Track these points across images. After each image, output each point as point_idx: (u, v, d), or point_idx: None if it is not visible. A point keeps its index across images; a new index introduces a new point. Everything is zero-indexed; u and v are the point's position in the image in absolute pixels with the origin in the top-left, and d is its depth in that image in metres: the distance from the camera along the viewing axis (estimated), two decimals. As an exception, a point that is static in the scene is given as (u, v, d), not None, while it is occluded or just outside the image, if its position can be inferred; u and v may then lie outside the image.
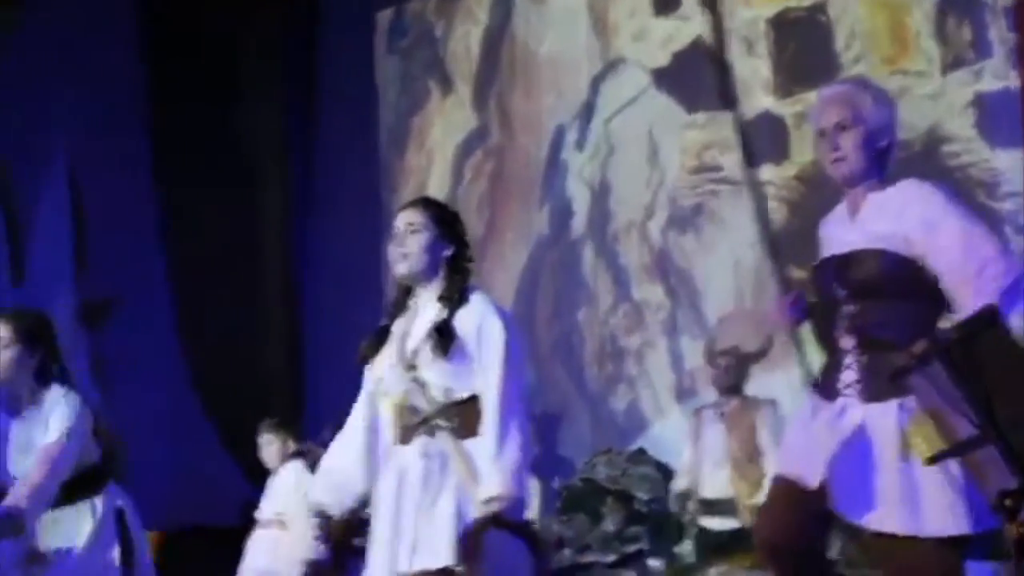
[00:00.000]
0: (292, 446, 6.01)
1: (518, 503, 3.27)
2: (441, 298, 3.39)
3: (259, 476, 6.49)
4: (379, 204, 8.63)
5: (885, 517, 2.79)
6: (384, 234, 8.45)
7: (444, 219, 3.47)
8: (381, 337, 3.47)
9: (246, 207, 8.86)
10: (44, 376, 3.87)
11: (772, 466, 4.63)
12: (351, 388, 7.08)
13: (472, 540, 3.16)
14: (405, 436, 3.36)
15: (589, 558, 6.38)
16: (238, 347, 8.52)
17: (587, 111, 7.69)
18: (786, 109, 6.77)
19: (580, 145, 7.72)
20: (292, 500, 5.85)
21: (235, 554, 6.29)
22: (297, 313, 9.04)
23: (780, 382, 5.94)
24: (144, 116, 8.76)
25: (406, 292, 3.48)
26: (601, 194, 7.60)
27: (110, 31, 8.67)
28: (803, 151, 6.45)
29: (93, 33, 8.40)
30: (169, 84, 8.63)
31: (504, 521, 3.21)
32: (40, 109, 8.07)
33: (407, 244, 3.40)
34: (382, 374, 3.44)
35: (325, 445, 4.39)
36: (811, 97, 5.18)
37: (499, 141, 8.21)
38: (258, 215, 8.99)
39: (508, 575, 3.25)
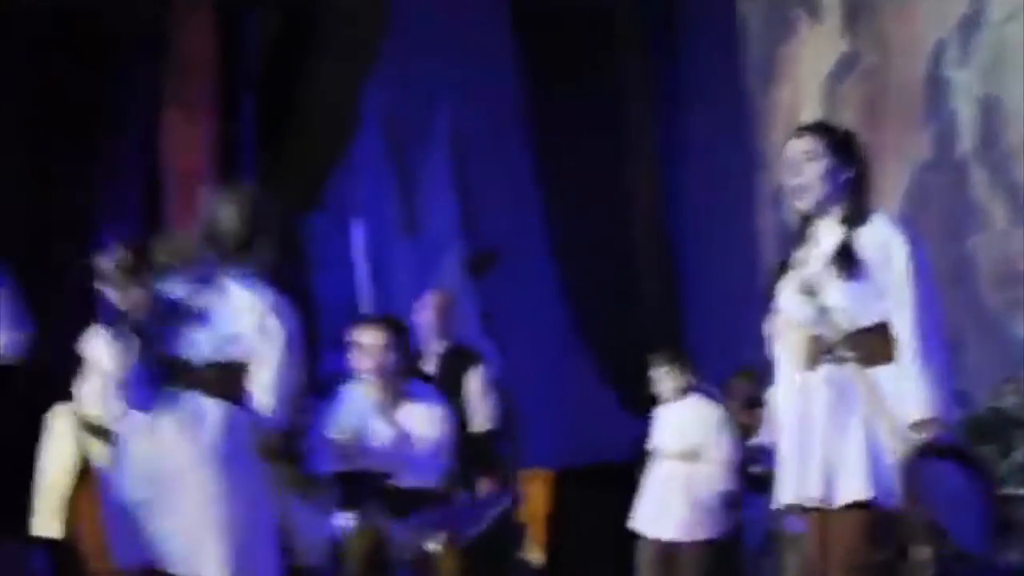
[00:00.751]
0: (686, 380, 6.07)
1: (950, 428, 3.16)
2: (843, 220, 3.31)
3: (645, 411, 6.62)
4: (746, 139, 8.60)
5: None
6: (753, 168, 8.52)
7: (840, 142, 3.36)
8: (782, 270, 3.44)
9: (616, 152, 9.04)
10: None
11: None
12: (727, 323, 7.11)
13: (908, 470, 3.05)
14: (810, 364, 3.30)
15: (1003, 491, 6.09)
16: (616, 288, 8.75)
17: (970, 22, 7.33)
18: None
19: (963, 59, 7.38)
20: (698, 433, 5.92)
21: (627, 489, 6.45)
22: (670, 251, 9.16)
23: None
24: (518, 72, 9.12)
25: (804, 221, 3.40)
26: (989, 109, 7.24)
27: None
28: None
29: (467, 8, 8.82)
30: (539, 36, 8.94)
31: (941, 447, 3.09)
32: (426, 75, 8.58)
33: (804, 173, 3.32)
34: (786, 305, 3.40)
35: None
36: None
37: (872, 65, 7.99)
38: (627, 159, 9.14)
39: (951, 506, 3.13)
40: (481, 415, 5.53)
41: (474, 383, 5.55)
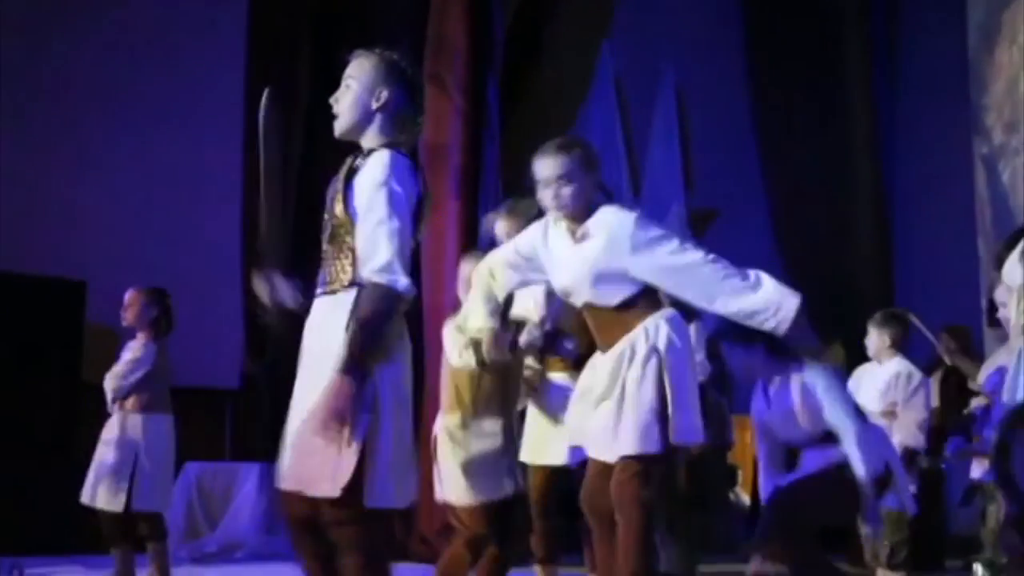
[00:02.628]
0: (896, 340, 6.25)
1: None
2: None
3: (851, 367, 6.92)
4: (967, 101, 8.66)
5: None
6: (970, 131, 8.59)
7: None
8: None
9: (835, 114, 9.27)
10: None
11: None
12: (937, 284, 7.38)
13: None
14: None
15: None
16: (830, 246, 9.02)
17: None
18: None
19: None
20: (898, 394, 6.16)
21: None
22: (885, 212, 9.34)
23: None
24: (741, 37, 9.43)
25: None
26: None
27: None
28: None
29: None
30: (761, 6, 9.23)
31: None
32: (653, 38, 9.00)
33: None
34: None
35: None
36: None
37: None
38: (845, 120, 9.37)
39: None
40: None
41: None
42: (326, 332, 2.95)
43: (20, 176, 7.62)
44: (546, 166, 3.68)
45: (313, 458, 2.85)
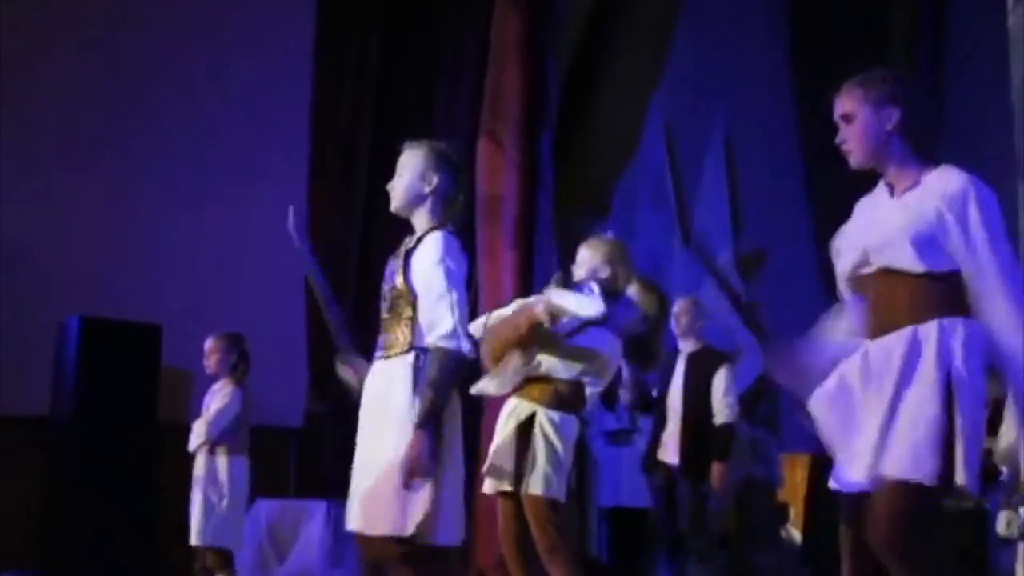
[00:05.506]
0: None
1: None
2: None
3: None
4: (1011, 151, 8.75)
5: None
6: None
7: None
8: None
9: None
10: None
11: None
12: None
13: None
14: None
15: None
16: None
17: None
18: None
19: None
20: None
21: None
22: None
23: None
24: (788, 80, 9.64)
25: None
26: None
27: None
28: None
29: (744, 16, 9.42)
30: (810, 45, 9.40)
31: None
32: (702, 85, 9.21)
33: None
34: None
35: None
36: None
37: None
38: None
39: None
40: (723, 410, 6.29)
41: (718, 381, 6.33)
42: (385, 392, 3.35)
43: (99, 224, 8.05)
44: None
45: (389, 501, 3.23)
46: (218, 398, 5.75)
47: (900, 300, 3.03)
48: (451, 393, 3.28)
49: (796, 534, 9.28)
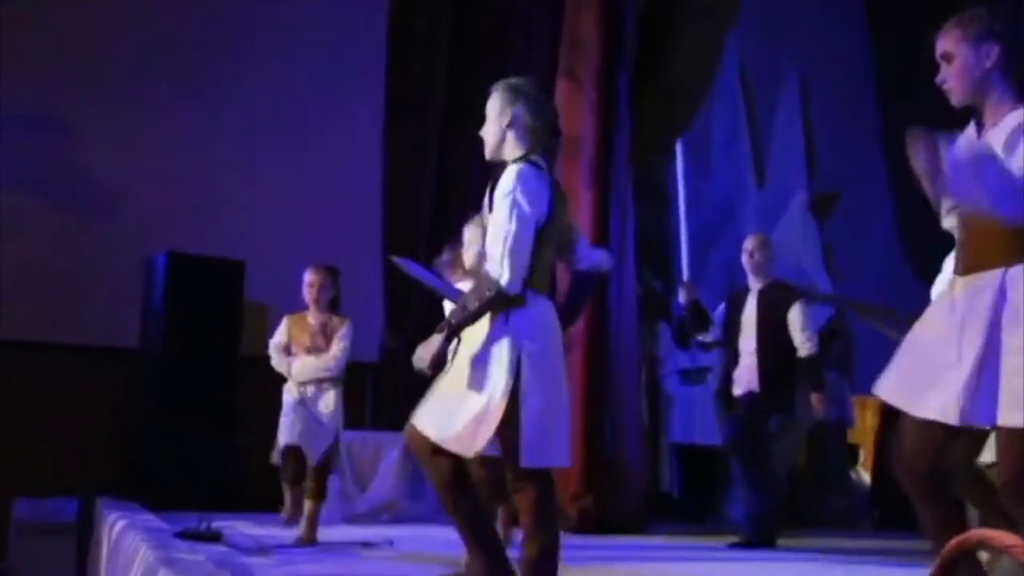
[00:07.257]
0: None
1: None
2: None
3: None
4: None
5: None
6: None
7: None
8: None
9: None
10: None
11: None
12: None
13: None
14: None
15: None
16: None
17: None
18: None
19: None
20: None
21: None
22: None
23: None
24: (864, 24, 9.58)
25: None
26: None
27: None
28: None
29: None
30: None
31: None
32: (776, 28, 9.20)
33: None
34: None
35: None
36: None
37: None
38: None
39: None
40: (804, 342, 6.33)
41: (794, 314, 6.37)
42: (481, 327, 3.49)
43: (185, 164, 8.27)
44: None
45: (466, 423, 3.43)
46: (339, 336, 5.85)
47: (989, 240, 3.01)
48: (478, 315, 3.40)
49: (866, 476, 9.34)
